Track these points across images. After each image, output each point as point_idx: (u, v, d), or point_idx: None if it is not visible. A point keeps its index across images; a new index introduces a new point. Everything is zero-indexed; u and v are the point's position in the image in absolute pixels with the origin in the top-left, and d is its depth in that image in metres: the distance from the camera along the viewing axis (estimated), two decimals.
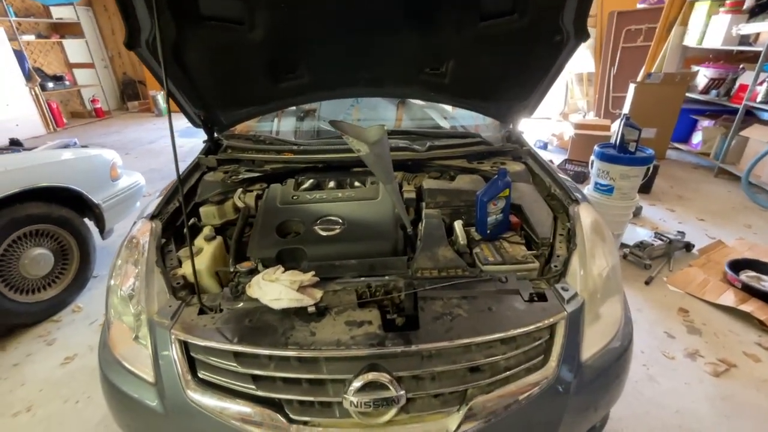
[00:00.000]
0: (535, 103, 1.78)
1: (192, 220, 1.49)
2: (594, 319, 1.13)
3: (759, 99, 3.98)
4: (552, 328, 1.04)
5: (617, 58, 5.98)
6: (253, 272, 1.21)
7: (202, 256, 1.29)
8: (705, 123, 4.86)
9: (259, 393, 0.94)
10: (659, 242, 2.75)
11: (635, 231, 3.05)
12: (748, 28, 4.18)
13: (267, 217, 1.39)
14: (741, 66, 4.53)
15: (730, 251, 2.82)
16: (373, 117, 2.42)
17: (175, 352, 0.99)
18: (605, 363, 1.11)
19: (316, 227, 1.33)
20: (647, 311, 2.29)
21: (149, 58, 1.34)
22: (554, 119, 6.98)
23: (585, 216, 1.37)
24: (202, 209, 1.54)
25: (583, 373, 1.06)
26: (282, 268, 1.15)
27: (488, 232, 1.35)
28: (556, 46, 1.43)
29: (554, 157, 5.09)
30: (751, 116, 4.41)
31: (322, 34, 1.44)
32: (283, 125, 2.39)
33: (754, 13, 4.25)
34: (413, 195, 1.57)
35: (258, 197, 1.60)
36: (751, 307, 2.21)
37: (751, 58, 4.46)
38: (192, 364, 1.00)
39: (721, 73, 4.70)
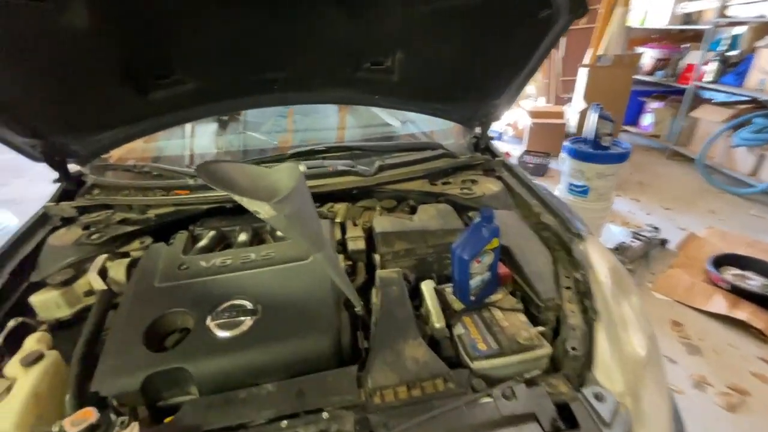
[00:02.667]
0: (509, 100, 1.39)
1: (16, 321, 0.93)
2: None
3: (707, 79, 3.93)
4: None
5: (564, 41, 5.85)
6: (95, 430, 0.71)
7: (8, 403, 0.76)
8: (654, 104, 4.83)
9: None
10: (638, 242, 2.52)
11: (610, 230, 2.83)
12: (692, 6, 4.12)
13: (134, 311, 0.88)
14: (686, 45, 4.51)
15: (704, 243, 2.66)
16: (312, 126, 1.92)
17: None
18: None
19: (211, 322, 0.84)
20: None
21: None
22: None
23: (599, 260, 0.99)
24: (35, 298, 0.98)
25: None
26: (136, 429, 0.66)
27: (472, 299, 0.94)
28: (543, 24, 1.03)
29: (510, 148, 4.86)
30: (697, 96, 4.41)
31: (200, 14, 0.93)
32: (200, 141, 1.82)
33: None
34: (362, 243, 1.11)
35: (132, 266, 1.07)
36: (744, 313, 2.01)
37: (693, 37, 4.44)
38: None
39: (666, 53, 4.67)
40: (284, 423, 0.70)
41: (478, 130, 1.58)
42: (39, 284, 1.04)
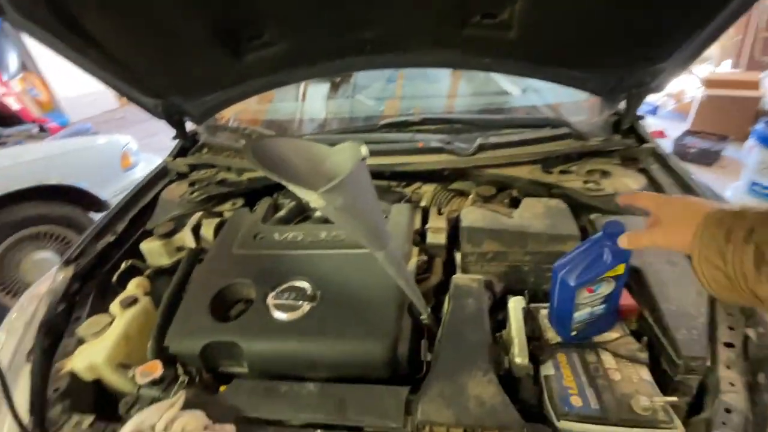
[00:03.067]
0: (682, 64, 0.98)
1: (126, 264, 1.06)
2: None
3: None
4: None
5: None
6: (159, 383, 0.75)
7: (104, 339, 0.85)
8: None
9: None
10: None
11: None
12: None
13: (209, 274, 0.91)
14: None
15: None
16: (420, 92, 1.76)
17: None
18: None
19: (271, 300, 0.82)
20: None
21: (32, 28, 0.87)
22: None
23: None
24: (143, 245, 1.10)
25: None
26: (180, 402, 0.66)
27: (573, 333, 0.72)
28: None
29: (668, 126, 3.90)
30: None
31: None
32: (310, 103, 1.83)
33: None
34: (442, 237, 0.95)
35: (220, 227, 1.12)
36: None
37: None
38: None
39: None
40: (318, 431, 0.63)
41: (622, 104, 1.21)
42: (150, 232, 1.16)
